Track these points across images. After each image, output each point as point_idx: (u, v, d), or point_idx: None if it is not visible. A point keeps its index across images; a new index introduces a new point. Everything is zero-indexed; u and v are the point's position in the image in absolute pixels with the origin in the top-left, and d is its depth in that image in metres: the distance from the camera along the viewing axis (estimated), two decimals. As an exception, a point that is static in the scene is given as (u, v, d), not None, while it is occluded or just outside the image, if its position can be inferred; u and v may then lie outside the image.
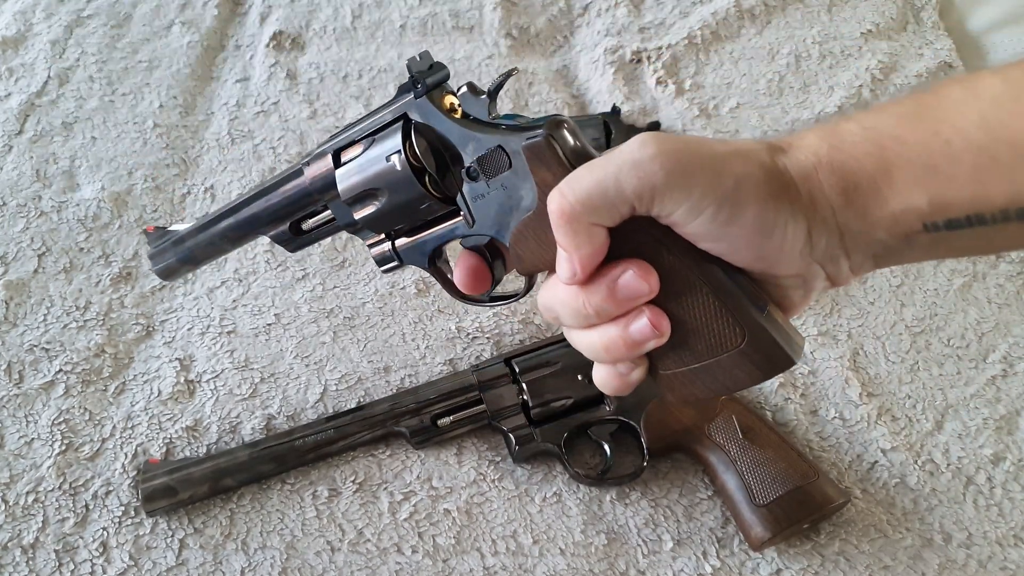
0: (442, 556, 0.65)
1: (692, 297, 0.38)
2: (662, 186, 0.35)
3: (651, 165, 0.35)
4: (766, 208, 0.35)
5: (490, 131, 0.42)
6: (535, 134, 0.40)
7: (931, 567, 0.65)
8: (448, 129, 0.43)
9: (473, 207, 0.43)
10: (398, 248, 0.48)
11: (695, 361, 0.39)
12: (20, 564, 0.63)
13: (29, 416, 0.71)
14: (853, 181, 0.35)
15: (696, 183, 0.35)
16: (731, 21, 1.03)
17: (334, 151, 0.47)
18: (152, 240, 0.61)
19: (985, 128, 0.33)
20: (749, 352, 0.38)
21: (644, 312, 0.37)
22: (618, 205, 0.36)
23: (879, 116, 0.36)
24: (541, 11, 1.07)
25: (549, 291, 0.40)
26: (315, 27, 1.05)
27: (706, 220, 0.35)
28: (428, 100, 0.43)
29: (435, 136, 0.43)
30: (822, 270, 0.38)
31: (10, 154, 0.90)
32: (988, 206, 0.33)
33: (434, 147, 0.43)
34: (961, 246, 0.36)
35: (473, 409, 0.69)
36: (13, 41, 1.00)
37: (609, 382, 0.40)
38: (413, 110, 0.43)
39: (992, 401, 0.74)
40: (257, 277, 0.81)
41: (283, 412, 0.72)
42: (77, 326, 0.77)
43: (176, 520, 0.66)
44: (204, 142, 0.93)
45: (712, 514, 0.67)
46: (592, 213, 0.36)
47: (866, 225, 0.36)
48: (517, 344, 0.76)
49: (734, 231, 0.36)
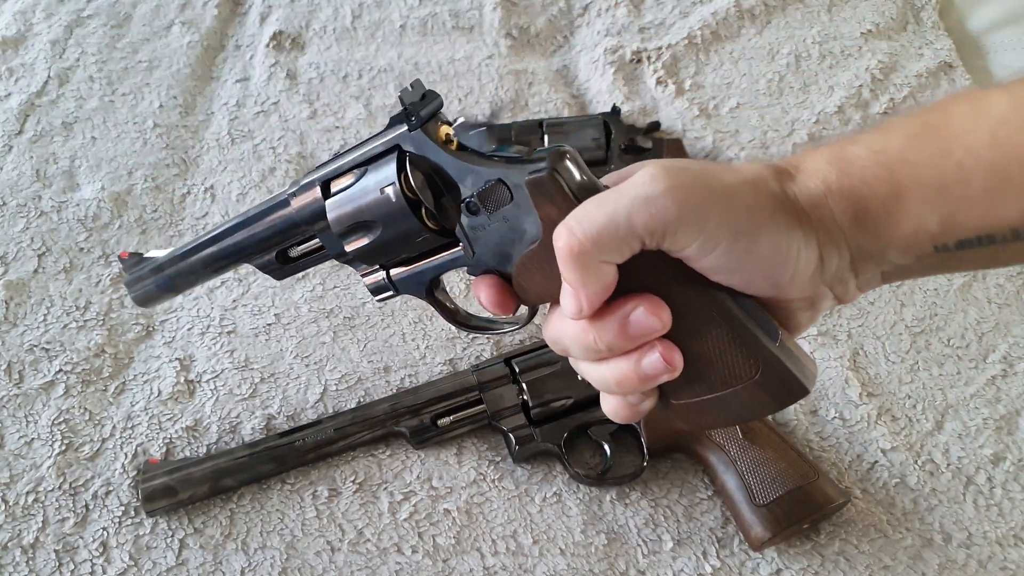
0: (442, 556, 0.65)
1: (705, 330, 0.37)
2: (675, 222, 0.34)
3: (663, 200, 0.34)
4: (779, 237, 0.35)
5: (489, 164, 0.40)
6: (538, 168, 0.38)
7: (931, 567, 0.65)
8: (445, 162, 0.41)
9: (473, 239, 0.41)
10: (394, 278, 0.46)
11: (709, 392, 0.39)
12: (20, 564, 0.63)
13: (29, 416, 0.71)
14: (863, 206, 0.35)
15: (709, 217, 0.34)
16: (731, 21, 1.03)
17: (323, 181, 0.45)
18: (127, 266, 0.59)
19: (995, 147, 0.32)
20: (764, 383, 0.37)
21: (656, 347, 0.37)
22: (628, 241, 0.35)
23: (887, 137, 0.35)
24: (541, 11, 1.07)
25: (556, 324, 0.39)
26: (315, 27, 1.05)
27: (720, 253, 0.35)
28: (423, 132, 0.41)
29: (430, 167, 0.41)
30: (831, 291, 0.38)
31: (10, 154, 0.90)
32: (999, 225, 0.33)
33: (430, 178, 0.41)
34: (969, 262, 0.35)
35: (473, 409, 0.69)
36: (13, 41, 1.00)
37: (619, 412, 0.40)
38: (407, 142, 0.42)
39: (992, 401, 0.74)
40: (257, 277, 0.81)
41: (283, 412, 0.72)
42: (77, 326, 0.77)
43: (176, 520, 0.66)
44: (204, 142, 0.93)
45: (712, 514, 0.67)
46: (602, 250, 0.35)
47: (877, 248, 0.36)
48: (517, 344, 0.76)
49: (748, 262, 0.35)
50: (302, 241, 0.49)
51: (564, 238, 0.35)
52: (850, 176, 0.35)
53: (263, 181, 0.89)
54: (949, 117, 0.34)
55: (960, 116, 0.34)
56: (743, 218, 0.34)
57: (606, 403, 0.40)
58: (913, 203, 0.34)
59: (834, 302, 0.39)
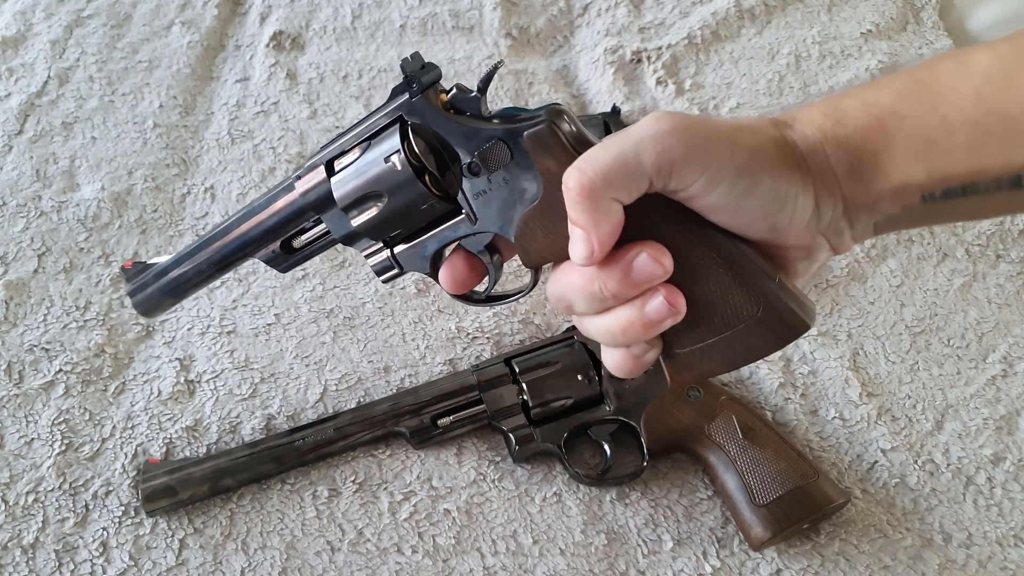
0: (442, 556, 0.65)
1: (706, 272, 0.38)
2: (681, 159, 0.35)
3: (669, 139, 0.35)
4: (779, 179, 0.36)
5: (488, 125, 0.41)
6: (537, 122, 0.40)
7: (931, 567, 0.65)
8: (446, 126, 0.42)
9: (475, 204, 0.42)
10: (397, 255, 0.47)
11: (712, 335, 0.39)
12: (20, 564, 0.63)
13: (29, 416, 0.71)
14: (857, 155, 0.36)
15: (714, 156, 0.35)
16: (731, 21, 1.03)
17: (326, 161, 0.46)
18: (130, 276, 0.58)
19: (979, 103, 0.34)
20: (766, 320, 0.38)
21: (660, 291, 0.37)
22: (637, 179, 0.36)
23: (878, 92, 0.37)
24: (541, 11, 1.07)
25: (561, 278, 0.40)
26: (315, 27, 1.05)
27: (724, 192, 0.36)
28: (424, 99, 0.42)
29: (432, 135, 0.42)
30: (826, 241, 0.39)
31: (10, 154, 0.90)
32: (982, 176, 0.35)
33: (432, 146, 0.43)
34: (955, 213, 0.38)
35: (473, 409, 0.69)
36: (13, 41, 1.00)
37: (623, 365, 0.40)
38: (408, 111, 0.43)
39: (992, 401, 0.74)
40: (257, 277, 0.81)
41: (283, 412, 0.72)
42: (77, 326, 0.77)
43: (176, 520, 0.66)
44: (204, 142, 0.93)
45: (712, 514, 0.67)
46: (612, 188, 0.36)
47: (869, 197, 0.37)
48: (517, 344, 0.76)
49: (750, 202, 0.36)
50: (306, 228, 0.49)
51: (575, 178, 0.36)
52: (844, 126, 0.37)
53: (263, 181, 0.89)
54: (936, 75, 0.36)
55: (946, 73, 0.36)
56: (745, 157, 0.36)
57: (609, 357, 0.41)
58: (902, 154, 0.36)
59: (830, 253, 0.40)
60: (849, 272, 0.82)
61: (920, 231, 0.84)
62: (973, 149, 0.35)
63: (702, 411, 0.68)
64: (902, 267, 0.82)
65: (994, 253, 0.83)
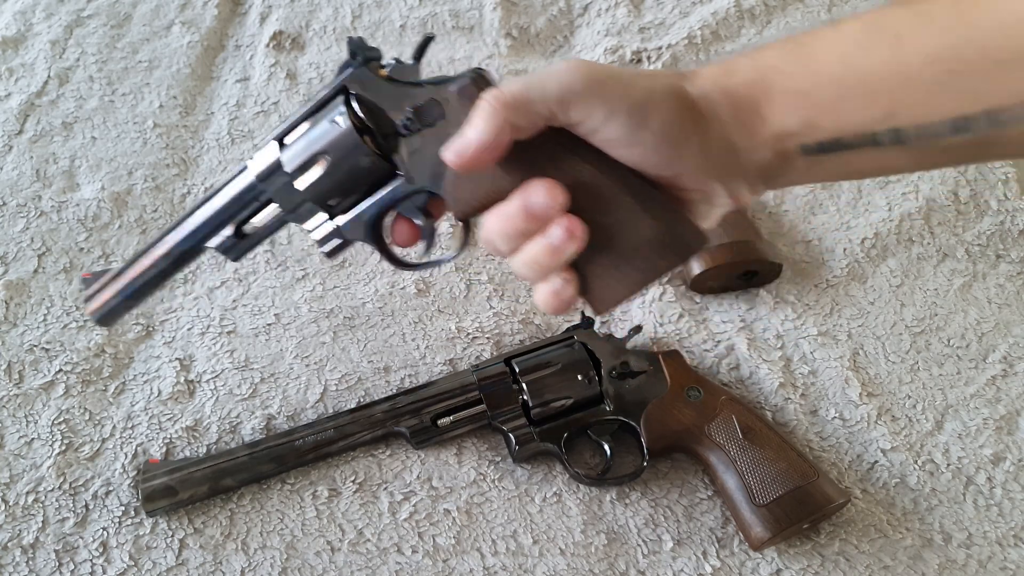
0: (442, 556, 0.65)
1: (607, 198, 0.42)
2: (581, 91, 0.40)
3: (573, 75, 0.40)
4: (671, 117, 0.41)
5: (422, 88, 0.45)
6: (463, 78, 0.44)
7: (931, 567, 0.65)
8: (384, 92, 0.46)
9: (410, 163, 0.46)
10: (340, 226, 0.49)
11: (620, 258, 0.43)
12: (20, 564, 0.63)
13: (29, 416, 0.71)
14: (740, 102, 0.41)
15: (611, 92, 0.40)
16: (731, 21, 1.03)
17: (277, 136, 0.49)
18: (88, 284, 0.57)
19: (843, 63, 0.39)
20: (666, 237, 0.42)
21: (559, 221, 0.41)
22: (539, 107, 0.40)
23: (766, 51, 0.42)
24: (541, 11, 1.07)
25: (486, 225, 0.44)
26: (315, 27, 1.05)
27: (619, 125, 0.40)
28: (366, 69, 0.46)
29: (373, 104, 0.46)
30: (722, 187, 0.43)
31: (10, 154, 0.90)
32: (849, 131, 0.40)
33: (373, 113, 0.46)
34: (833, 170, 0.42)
35: (473, 409, 0.69)
36: (13, 41, 1.00)
37: (548, 302, 0.44)
38: (352, 81, 0.46)
39: (992, 401, 0.74)
40: (257, 277, 0.81)
41: (283, 412, 0.72)
42: (77, 326, 0.77)
43: (176, 520, 0.66)
44: (204, 142, 0.93)
45: (712, 514, 0.67)
46: (513, 110, 0.40)
47: (753, 143, 0.41)
48: (517, 344, 0.76)
49: (643, 136, 0.41)
50: (257, 209, 0.51)
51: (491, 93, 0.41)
52: (732, 78, 0.42)
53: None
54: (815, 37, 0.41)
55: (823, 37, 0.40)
56: (639, 95, 0.40)
57: (537, 295, 0.45)
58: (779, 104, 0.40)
59: (729, 200, 0.44)
60: (849, 272, 0.82)
61: (920, 231, 0.84)
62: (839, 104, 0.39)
63: (702, 411, 0.68)
64: (902, 267, 0.82)
65: (994, 253, 0.83)
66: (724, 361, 0.75)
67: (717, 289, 0.80)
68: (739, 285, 0.80)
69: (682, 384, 0.69)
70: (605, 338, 0.72)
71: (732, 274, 0.78)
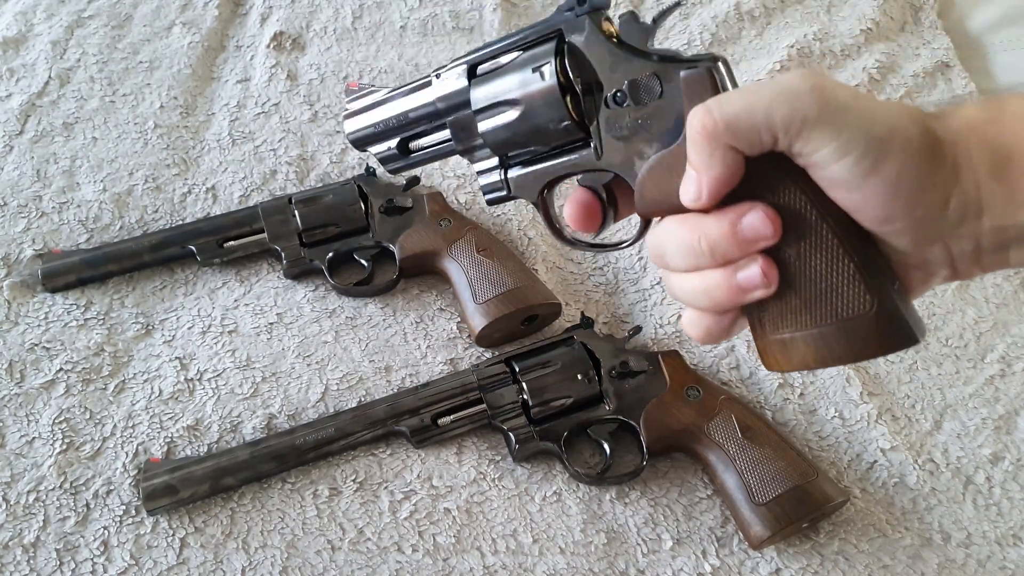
0: (442, 555, 0.65)
1: (821, 251, 0.35)
2: (814, 119, 0.33)
3: (808, 97, 0.33)
4: (910, 164, 0.34)
5: (647, 59, 0.40)
6: (696, 65, 0.38)
7: (930, 566, 0.65)
8: (602, 52, 0.41)
9: (605, 138, 0.41)
10: (510, 178, 0.45)
11: (812, 325, 0.36)
12: (21, 563, 0.63)
13: (30, 415, 0.71)
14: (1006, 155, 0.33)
15: (848, 123, 0.33)
16: (731, 23, 1.03)
17: (470, 63, 0.44)
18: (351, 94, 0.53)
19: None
20: (878, 321, 0.35)
21: (757, 259, 0.36)
22: (762, 132, 0.34)
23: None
24: (541, 12, 1.07)
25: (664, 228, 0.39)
26: (315, 28, 1.05)
27: (848, 165, 0.34)
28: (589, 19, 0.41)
29: (587, 64, 0.41)
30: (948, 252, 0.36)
31: (11, 154, 0.90)
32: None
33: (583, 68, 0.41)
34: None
35: (473, 409, 0.70)
36: (14, 41, 1.00)
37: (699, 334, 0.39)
38: (571, 29, 0.41)
39: (991, 401, 0.74)
40: (259, 277, 0.81)
41: (284, 411, 0.72)
42: (77, 325, 0.77)
43: (177, 519, 0.66)
44: (205, 143, 0.93)
45: (711, 513, 0.67)
46: (734, 134, 0.34)
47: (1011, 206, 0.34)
48: (517, 344, 0.76)
49: (873, 182, 0.34)
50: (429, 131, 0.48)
51: (699, 116, 0.35)
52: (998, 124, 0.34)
53: (264, 184, 0.89)
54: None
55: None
56: (881, 132, 0.33)
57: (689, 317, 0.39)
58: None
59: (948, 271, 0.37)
60: (848, 272, 0.82)
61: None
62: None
63: (701, 410, 0.68)
64: (901, 267, 0.82)
65: (993, 253, 0.83)
66: (724, 361, 0.76)
67: (502, 340, 0.77)
68: (523, 332, 0.77)
69: (681, 383, 0.69)
70: (605, 338, 0.72)
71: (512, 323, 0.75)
